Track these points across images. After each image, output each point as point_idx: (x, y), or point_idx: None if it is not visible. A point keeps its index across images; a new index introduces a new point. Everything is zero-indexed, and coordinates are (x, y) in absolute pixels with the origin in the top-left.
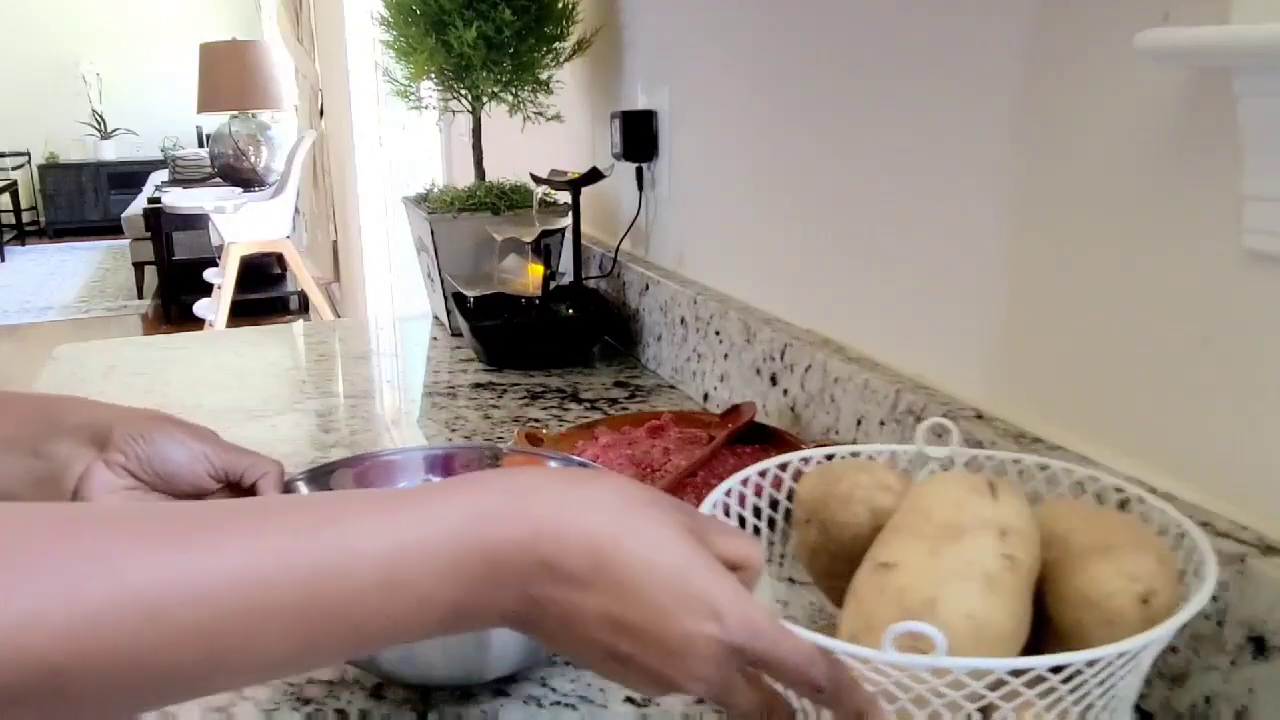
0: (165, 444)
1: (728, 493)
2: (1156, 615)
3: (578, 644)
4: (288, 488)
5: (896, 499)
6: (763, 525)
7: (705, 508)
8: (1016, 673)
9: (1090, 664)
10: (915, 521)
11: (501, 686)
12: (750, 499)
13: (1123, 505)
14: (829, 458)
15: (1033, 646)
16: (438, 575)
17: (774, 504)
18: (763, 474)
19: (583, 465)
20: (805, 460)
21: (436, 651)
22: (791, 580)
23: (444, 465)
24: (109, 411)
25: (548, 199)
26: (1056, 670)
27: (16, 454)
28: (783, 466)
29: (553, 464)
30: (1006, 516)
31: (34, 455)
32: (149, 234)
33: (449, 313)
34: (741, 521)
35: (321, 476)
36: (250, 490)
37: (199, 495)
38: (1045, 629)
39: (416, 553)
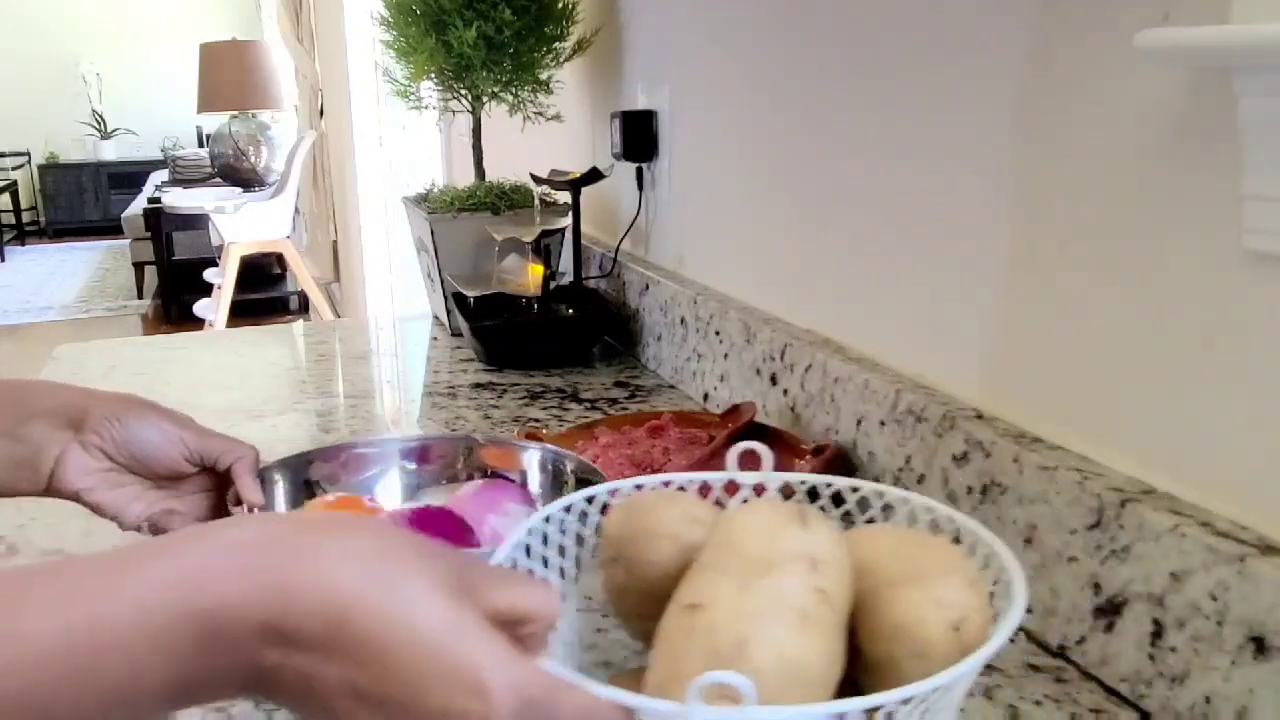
0: (140, 427)
1: (529, 531)
2: (969, 643)
3: (322, 717)
4: (262, 474)
5: (706, 532)
6: (569, 565)
7: (505, 550)
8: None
9: (905, 701)
10: (723, 556)
11: None
12: (555, 537)
13: (934, 526)
14: (638, 488)
15: (846, 680)
16: (136, 653)
17: (580, 540)
18: (568, 509)
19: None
20: (613, 492)
21: None
22: None
23: (419, 455)
24: (84, 395)
25: (548, 199)
26: (872, 711)
27: None
28: (590, 500)
29: (528, 453)
30: (817, 547)
31: (9, 439)
32: (149, 234)
33: (449, 313)
34: (546, 563)
35: (298, 465)
36: (226, 475)
37: (175, 478)
38: (857, 662)
39: (104, 632)
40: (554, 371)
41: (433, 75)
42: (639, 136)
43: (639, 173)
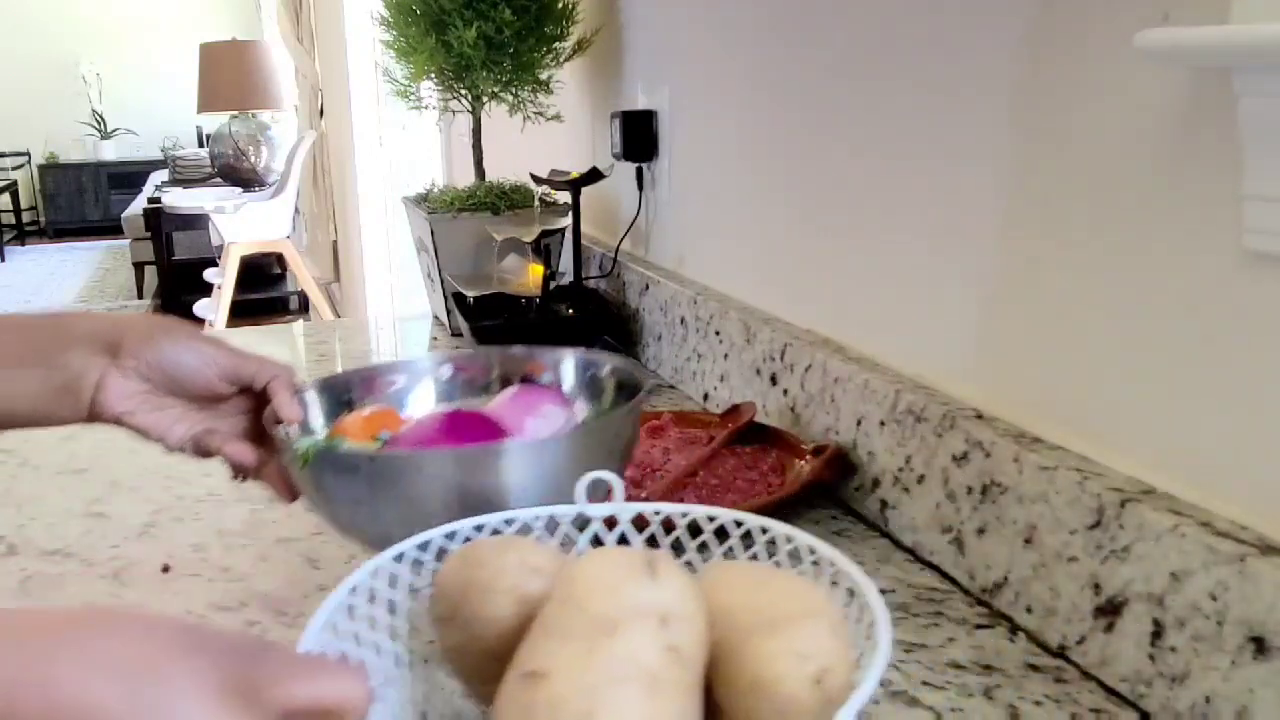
0: (173, 349)
1: (353, 590)
2: (833, 696)
3: None
4: (299, 394)
5: (548, 582)
6: (401, 624)
7: (321, 618)
8: None
9: None
10: (566, 615)
11: None
12: (385, 593)
13: (794, 556)
14: (478, 529)
15: None
16: None
17: (414, 592)
18: (398, 558)
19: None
20: (450, 536)
21: None
22: None
23: (455, 367)
24: (117, 319)
25: (548, 199)
26: None
27: (31, 368)
28: (424, 546)
29: (566, 360)
30: (668, 599)
31: (48, 367)
32: (149, 234)
33: (449, 313)
34: (375, 625)
35: (334, 385)
36: (263, 394)
37: (214, 399)
38: (715, 718)
39: None
40: None
41: (433, 75)
42: (639, 136)
43: (639, 173)
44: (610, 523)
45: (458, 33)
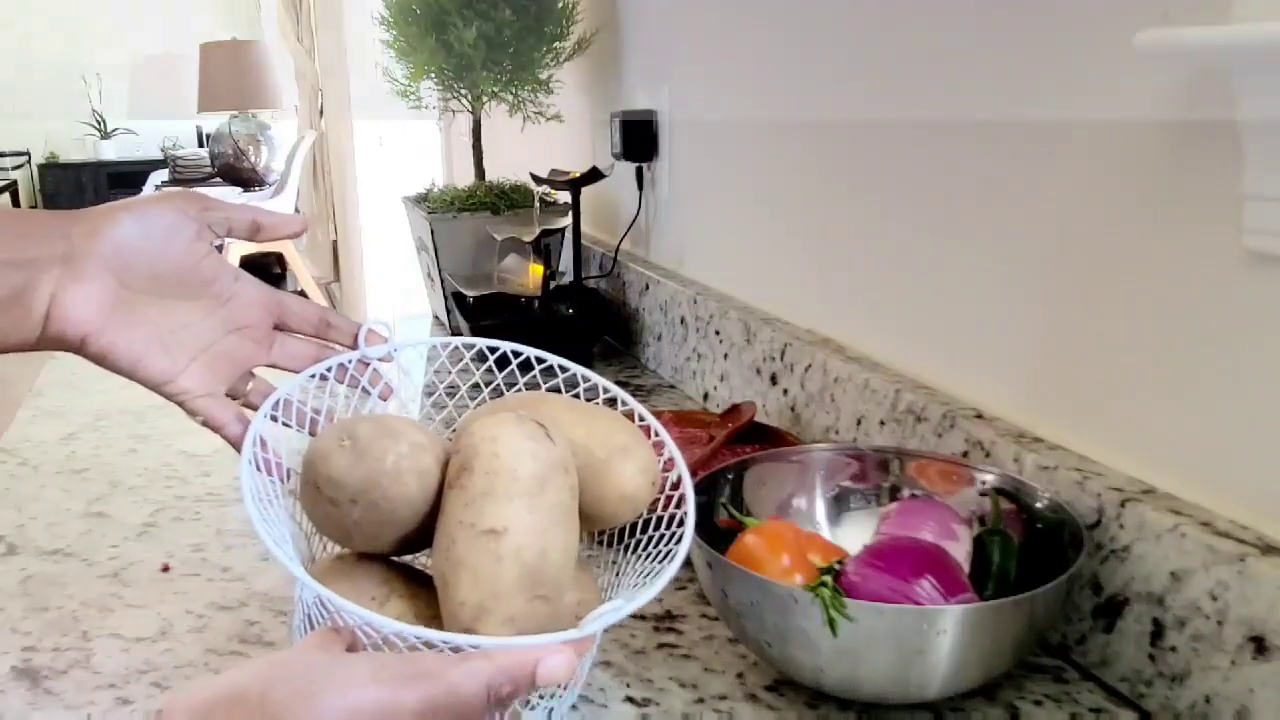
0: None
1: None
2: (655, 488)
3: None
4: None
5: (431, 452)
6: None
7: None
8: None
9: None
10: (505, 484)
11: None
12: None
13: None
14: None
15: None
16: None
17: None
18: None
19: None
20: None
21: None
22: None
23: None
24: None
25: (548, 199)
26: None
27: None
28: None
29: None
30: (563, 454)
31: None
32: None
33: (449, 312)
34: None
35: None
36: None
37: (210, 290)
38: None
39: None
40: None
41: (433, 75)
42: (639, 136)
43: (639, 173)
44: (387, 360)
45: (458, 32)
